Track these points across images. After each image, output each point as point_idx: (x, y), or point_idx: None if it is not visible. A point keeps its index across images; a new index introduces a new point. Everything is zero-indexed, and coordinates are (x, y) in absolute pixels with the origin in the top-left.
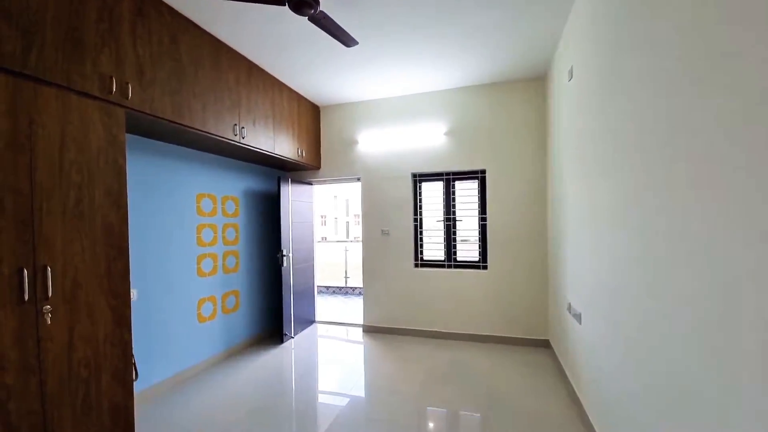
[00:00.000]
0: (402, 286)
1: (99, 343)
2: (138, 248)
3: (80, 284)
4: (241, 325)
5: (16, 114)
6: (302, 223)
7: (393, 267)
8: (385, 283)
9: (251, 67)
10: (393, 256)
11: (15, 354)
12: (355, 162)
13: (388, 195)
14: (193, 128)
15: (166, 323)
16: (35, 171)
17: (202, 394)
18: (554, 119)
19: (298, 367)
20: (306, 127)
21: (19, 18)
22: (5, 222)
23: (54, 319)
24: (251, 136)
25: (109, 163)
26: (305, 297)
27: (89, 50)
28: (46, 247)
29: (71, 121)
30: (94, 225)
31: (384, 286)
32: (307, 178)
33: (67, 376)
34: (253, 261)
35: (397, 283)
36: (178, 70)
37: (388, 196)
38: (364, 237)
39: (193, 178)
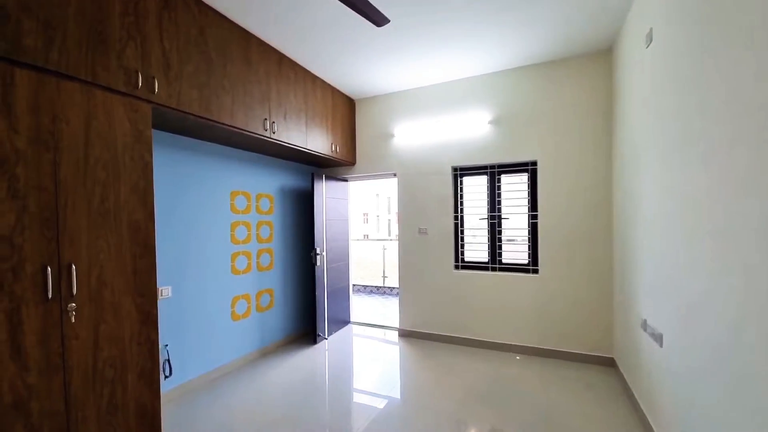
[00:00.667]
0: (441, 289)
1: (125, 343)
2: (171, 245)
3: (106, 283)
4: (275, 324)
5: (38, 110)
6: (337, 220)
7: (431, 268)
8: (423, 286)
9: (281, 58)
10: (431, 257)
11: (38, 353)
12: (391, 157)
13: (426, 191)
14: (221, 123)
15: (200, 320)
16: (59, 168)
17: (234, 393)
18: (624, 97)
19: (330, 372)
20: (340, 122)
21: (40, 11)
22: (29, 220)
23: (79, 318)
24: (282, 131)
25: (135, 160)
26: (340, 297)
27: (114, 44)
28: (71, 245)
29: (96, 116)
30: (119, 223)
31: (421, 289)
32: (342, 174)
33: (92, 375)
34: (288, 259)
35: (436, 286)
36: (206, 64)
37: (425, 193)
38: (400, 236)
39: (227, 176)
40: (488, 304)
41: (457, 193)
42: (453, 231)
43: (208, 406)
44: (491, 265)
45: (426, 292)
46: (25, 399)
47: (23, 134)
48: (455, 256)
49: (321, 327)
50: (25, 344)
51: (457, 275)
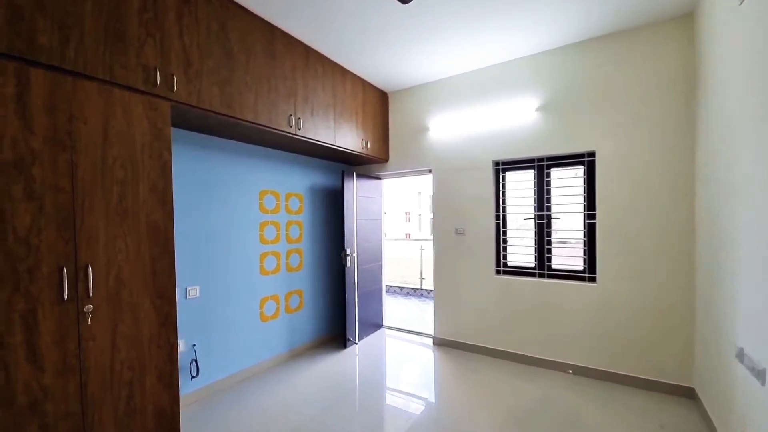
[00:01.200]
0: (480, 296)
1: (143, 345)
2: (199, 244)
3: (123, 283)
4: (304, 325)
5: (55, 110)
6: (369, 220)
7: (469, 272)
8: (459, 291)
9: (308, 51)
10: (469, 260)
11: (54, 354)
12: (426, 152)
13: (463, 188)
14: (244, 120)
15: (228, 321)
16: (77, 168)
17: (261, 396)
18: (711, 71)
19: (359, 380)
20: (372, 116)
21: (55, 9)
22: (45, 221)
23: (96, 319)
24: (309, 127)
25: (154, 159)
26: (372, 299)
27: (132, 41)
28: (88, 246)
29: (114, 115)
30: (137, 223)
31: (457, 294)
32: (375, 171)
33: (110, 377)
34: (318, 260)
35: (474, 292)
36: (228, 59)
37: (462, 190)
38: (435, 236)
39: (256, 175)
40: (535, 316)
41: (498, 190)
42: (494, 232)
43: (235, 408)
44: (539, 271)
45: (463, 298)
46: (40, 400)
47: (39, 134)
48: (496, 259)
49: (351, 331)
50: (40, 345)
51: (499, 281)
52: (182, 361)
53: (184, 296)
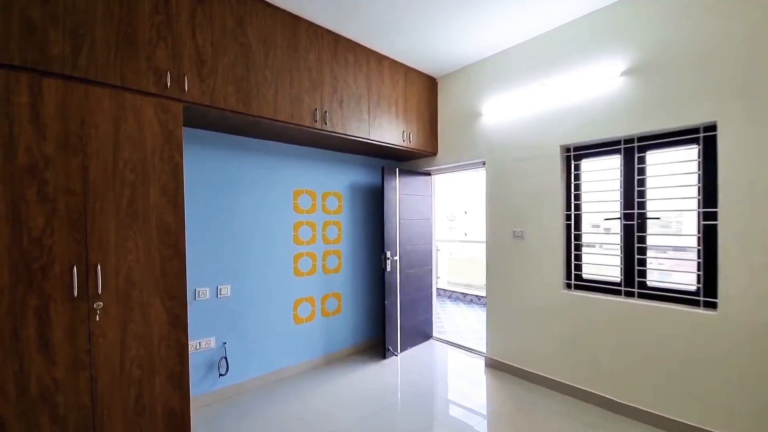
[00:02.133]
0: (543, 314)
1: (153, 344)
2: (231, 244)
3: (134, 283)
4: (342, 331)
5: (67, 116)
6: (415, 220)
7: (529, 284)
8: (517, 306)
9: (337, 40)
10: (529, 269)
11: (66, 349)
12: (478, 141)
13: (523, 182)
14: (262, 117)
15: (260, 321)
16: (88, 171)
17: (290, 400)
18: None
19: (396, 398)
20: (416, 106)
21: (66, 19)
22: (58, 222)
23: (106, 317)
24: (337, 121)
25: (165, 161)
26: (419, 308)
27: (143, 45)
28: (99, 246)
29: (125, 119)
30: (148, 224)
31: (515, 310)
32: (424, 166)
33: (119, 374)
34: (359, 262)
35: (536, 309)
36: (245, 55)
37: (522, 183)
38: (488, 239)
39: (290, 174)
40: (620, 346)
41: (569, 182)
42: (562, 235)
43: (261, 409)
44: (626, 288)
45: (522, 315)
46: (51, 392)
47: (52, 140)
48: (566, 270)
49: (392, 341)
50: (52, 340)
51: (570, 298)
52: (212, 357)
53: (216, 294)
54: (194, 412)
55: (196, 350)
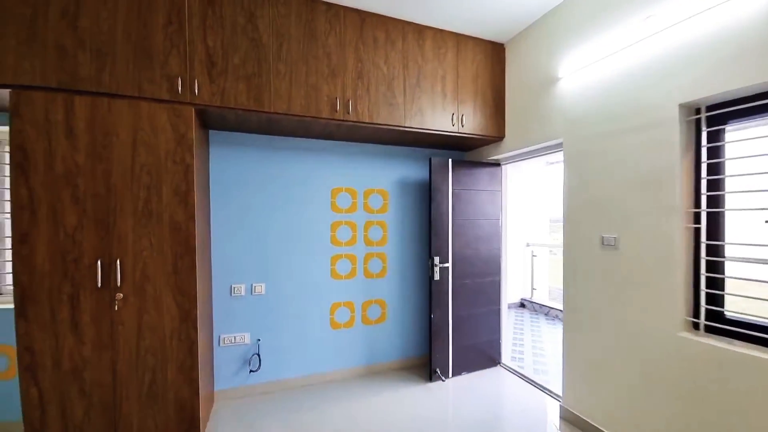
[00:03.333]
0: (648, 366)
1: (165, 336)
2: (263, 243)
3: (148, 278)
4: (385, 342)
5: (94, 128)
6: (478, 220)
7: (624, 317)
8: (605, 344)
9: (363, 19)
10: (625, 295)
11: (92, 331)
12: (553, 116)
13: (617, 166)
14: (274, 113)
15: (295, 322)
16: (111, 176)
17: (316, 408)
18: None
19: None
20: (472, 81)
21: (92, 42)
22: (87, 221)
23: (124, 307)
24: (363, 109)
25: (177, 163)
26: (480, 326)
27: (157, 55)
28: (119, 243)
29: (142, 127)
30: (161, 223)
31: (601, 349)
32: (490, 155)
33: (135, 359)
34: (408, 268)
35: (639, 355)
36: (256, 51)
37: (615, 169)
38: (566, 249)
39: (326, 172)
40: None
41: (698, 163)
42: (684, 246)
43: (284, 413)
44: None
45: (613, 359)
46: (80, 368)
47: (82, 150)
48: (692, 302)
49: (440, 362)
50: (81, 322)
51: (698, 347)
52: (245, 353)
53: (251, 292)
54: (221, 404)
55: (231, 344)
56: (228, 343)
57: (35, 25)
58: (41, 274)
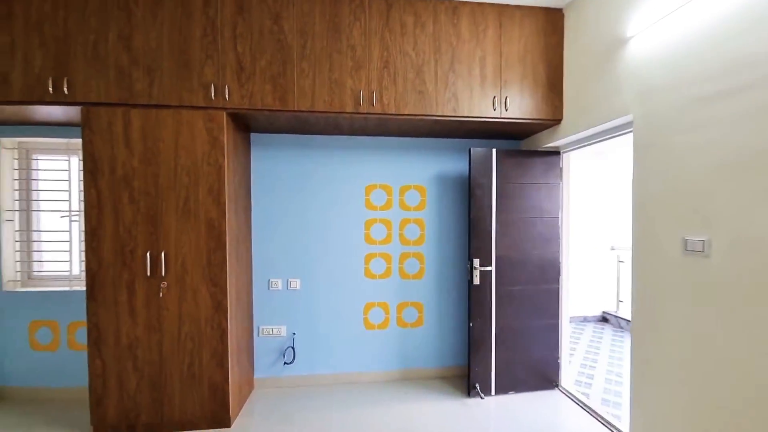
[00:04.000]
0: (740, 418)
1: (201, 324)
2: (299, 240)
3: (187, 270)
4: (422, 348)
5: (146, 136)
6: (529, 218)
7: (717, 351)
8: (683, 375)
9: (390, 4)
10: (721, 319)
11: (143, 314)
12: (620, 86)
13: (706, 144)
14: (298, 111)
15: (329, 318)
16: (158, 178)
17: (343, 407)
18: None
19: None
20: (519, 56)
21: (144, 59)
22: (140, 218)
23: (168, 294)
24: (389, 100)
25: (211, 164)
26: (532, 340)
27: (195, 67)
28: (164, 237)
29: (182, 132)
30: (197, 220)
31: (677, 381)
32: (546, 142)
33: (177, 342)
34: (449, 269)
35: (744, 401)
36: (282, 52)
37: (705, 147)
38: (634, 255)
39: (360, 169)
40: None
41: None
42: None
43: (318, 408)
44: None
45: (699, 401)
46: (134, 345)
47: (137, 156)
48: None
49: (481, 377)
50: (136, 306)
51: None
52: (280, 345)
53: (286, 286)
54: (259, 391)
55: (269, 335)
56: (266, 335)
57: (98, 49)
58: (106, 263)
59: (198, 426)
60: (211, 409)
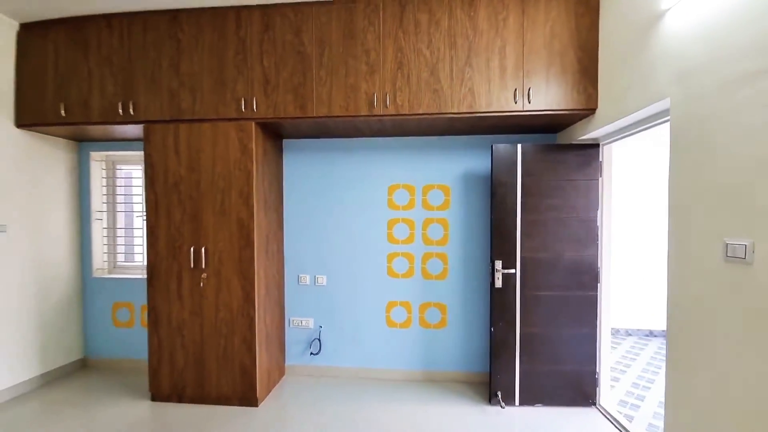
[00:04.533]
0: None
1: (233, 312)
2: (325, 238)
3: (223, 263)
4: (444, 350)
5: (190, 147)
6: (559, 218)
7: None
8: (724, 407)
9: (403, 5)
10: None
11: (188, 301)
12: (656, 64)
13: (756, 131)
14: (317, 117)
15: (353, 314)
16: (199, 183)
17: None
18: None
19: None
20: (545, 43)
21: (189, 82)
22: (185, 217)
23: (207, 284)
24: (402, 101)
25: (241, 170)
26: (564, 350)
27: (229, 83)
28: (204, 235)
29: (218, 142)
30: (230, 220)
31: (720, 410)
32: (582, 134)
33: (214, 326)
34: (473, 271)
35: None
36: (302, 62)
37: (754, 137)
38: (670, 261)
39: (384, 169)
40: None
41: None
42: None
43: (340, 401)
44: None
45: None
46: (181, 326)
47: (184, 165)
48: None
49: (502, 385)
50: (183, 293)
51: None
52: (308, 336)
53: (314, 282)
54: (288, 378)
55: (299, 326)
56: (296, 325)
57: (154, 75)
58: (161, 256)
59: (231, 402)
60: (241, 389)
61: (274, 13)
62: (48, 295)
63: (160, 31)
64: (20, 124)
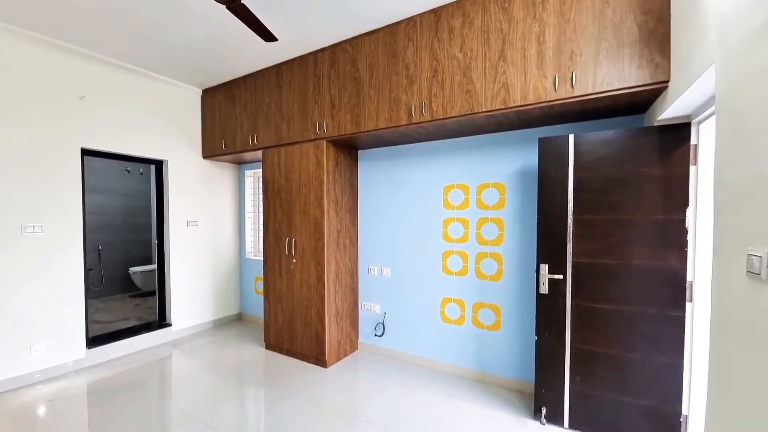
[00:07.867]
0: None
1: (311, 290)
2: (389, 236)
3: (305, 251)
4: (497, 353)
5: (287, 164)
6: (626, 218)
7: None
8: None
9: (438, 15)
10: None
11: (285, 279)
12: (708, 19)
13: None
14: (367, 131)
15: (411, 306)
16: (291, 190)
17: (419, 392)
18: None
19: None
20: (596, 14)
21: (286, 115)
22: (283, 216)
23: (295, 267)
24: (437, 107)
25: (317, 179)
26: (637, 378)
27: (309, 112)
28: (293, 230)
29: (301, 159)
30: (308, 218)
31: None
32: (658, 114)
33: (299, 300)
34: (530, 273)
35: None
36: (356, 87)
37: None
38: (714, 280)
39: (440, 170)
40: None
41: None
42: None
43: (399, 382)
44: None
45: None
46: (281, 296)
47: (283, 177)
48: None
49: (549, 402)
50: (282, 272)
51: None
52: (375, 319)
53: (380, 273)
54: (359, 353)
55: (368, 311)
56: (366, 309)
57: (267, 114)
58: (270, 245)
59: (309, 360)
60: (316, 351)
61: (338, 50)
62: (219, 268)
63: (270, 82)
64: (205, 156)
